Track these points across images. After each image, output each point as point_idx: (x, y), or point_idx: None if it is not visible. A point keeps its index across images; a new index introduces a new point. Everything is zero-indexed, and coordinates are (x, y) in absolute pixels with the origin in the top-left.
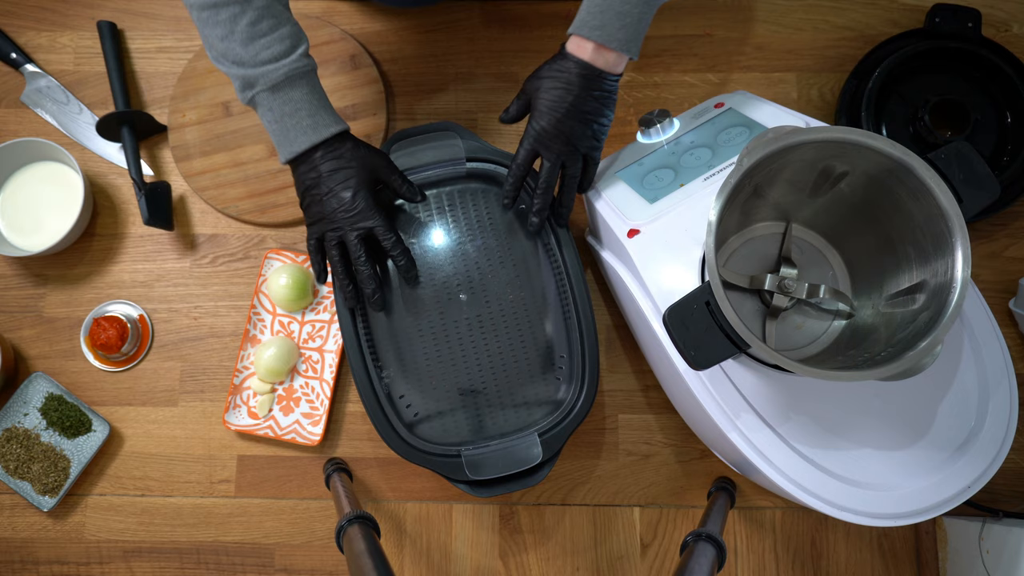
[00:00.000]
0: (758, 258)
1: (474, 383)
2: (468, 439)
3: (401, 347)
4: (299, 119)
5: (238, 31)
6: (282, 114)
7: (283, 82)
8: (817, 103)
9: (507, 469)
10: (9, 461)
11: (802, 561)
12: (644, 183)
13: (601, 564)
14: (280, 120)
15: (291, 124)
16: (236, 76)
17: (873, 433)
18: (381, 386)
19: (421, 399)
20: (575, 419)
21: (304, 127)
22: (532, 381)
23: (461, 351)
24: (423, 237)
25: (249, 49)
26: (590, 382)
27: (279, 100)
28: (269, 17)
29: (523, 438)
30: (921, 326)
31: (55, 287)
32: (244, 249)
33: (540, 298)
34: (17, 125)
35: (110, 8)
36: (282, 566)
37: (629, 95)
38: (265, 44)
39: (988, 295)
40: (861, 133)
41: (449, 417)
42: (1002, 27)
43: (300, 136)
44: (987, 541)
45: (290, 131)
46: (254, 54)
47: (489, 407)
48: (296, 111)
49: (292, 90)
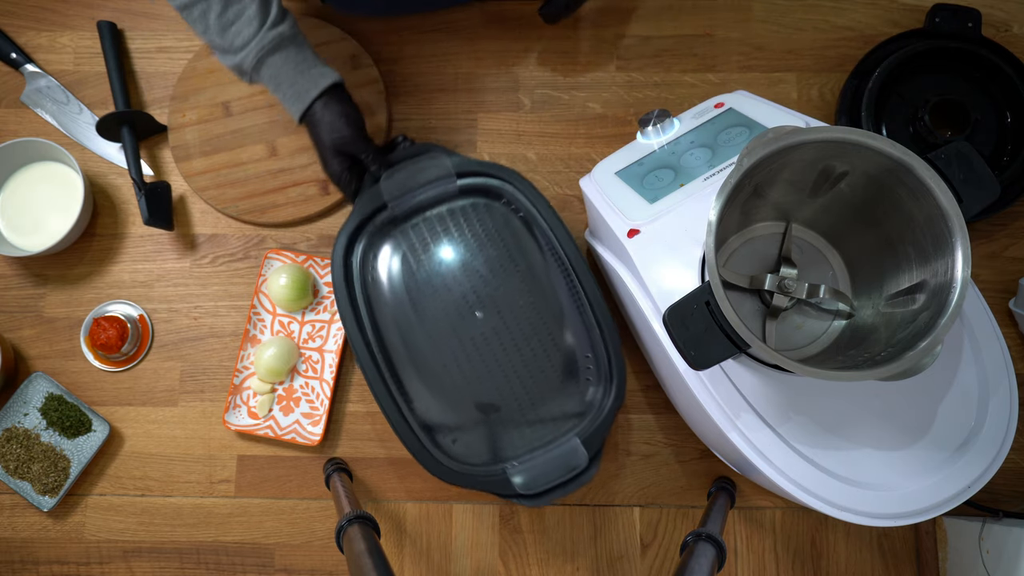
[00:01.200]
0: (758, 258)
1: (504, 398)
2: (510, 454)
3: (425, 376)
4: (284, 92)
5: (211, 24)
6: (276, 88)
7: (259, 62)
8: (817, 103)
9: (556, 478)
10: (9, 461)
11: (802, 561)
12: (644, 183)
13: (601, 564)
14: (278, 90)
15: (284, 96)
16: (230, 66)
17: (873, 433)
18: (415, 419)
19: (456, 423)
20: (610, 413)
21: (291, 96)
22: (562, 385)
23: (486, 368)
24: (429, 262)
25: (226, 38)
26: (619, 373)
27: (266, 78)
28: (233, 5)
29: (564, 444)
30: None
31: (55, 287)
32: (244, 249)
33: (554, 300)
34: (17, 125)
35: (110, 8)
36: (282, 566)
37: (629, 95)
38: (236, 31)
39: (988, 295)
40: (861, 133)
41: (486, 436)
42: (1002, 27)
43: (293, 105)
44: (987, 541)
45: (286, 102)
46: (230, 42)
47: (524, 418)
48: (279, 85)
49: (268, 68)
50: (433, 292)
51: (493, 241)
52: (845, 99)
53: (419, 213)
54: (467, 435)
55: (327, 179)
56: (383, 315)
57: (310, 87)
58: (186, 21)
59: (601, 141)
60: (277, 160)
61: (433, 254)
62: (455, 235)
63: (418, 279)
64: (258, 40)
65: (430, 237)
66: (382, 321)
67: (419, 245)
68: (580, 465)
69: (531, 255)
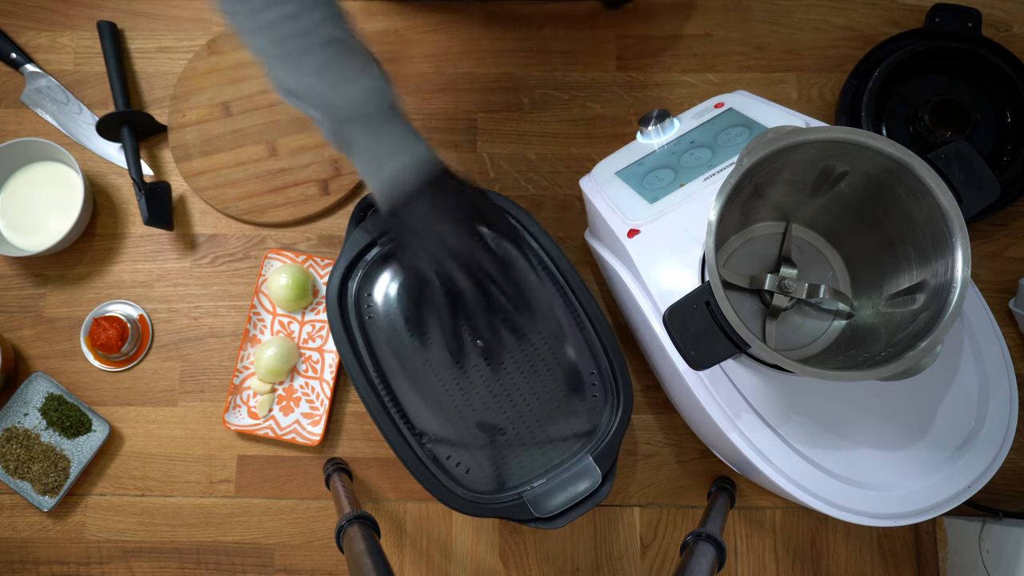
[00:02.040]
0: (758, 258)
1: (511, 423)
2: (522, 478)
3: (432, 409)
4: (394, 155)
5: (321, 70)
6: (373, 153)
7: (374, 118)
8: (817, 103)
9: (571, 499)
10: (9, 461)
11: (802, 561)
12: (644, 183)
13: (601, 564)
14: (374, 158)
15: (384, 160)
16: (321, 121)
17: (873, 433)
18: (425, 452)
19: (466, 454)
20: (619, 428)
21: (401, 165)
22: (568, 404)
23: (491, 395)
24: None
25: (335, 89)
26: (624, 386)
27: (367, 138)
28: (351, 55)
29: (576, 463)
30: (921, 326)
31: (55, 287)
32: (244, 249)
33: (552, 318)
34: (17, 125)
35: (110, 8)
36: (282, 566)
37: (629, 95)
38: (350, 79)
39: (988, 295)
40: (861, 133)
41: (497, 463)
42: (1002, 27)
43: (398, 174)
44: (987, 541)
45: (385, 168)
46: (339, 93)
47: (533, 440)
48: (383, 149)
49: (384, 126)
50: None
51: None
52: (845, 99)
53: None
54: (476, 460)
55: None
56: (382, 350)
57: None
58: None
59: (601, 141)
60: (277, 160)
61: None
62: None
63: (416, 313)
64: (377, 93)
65: None
66: (383, 357)
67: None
68: (594, 483)
69: (525, 277)
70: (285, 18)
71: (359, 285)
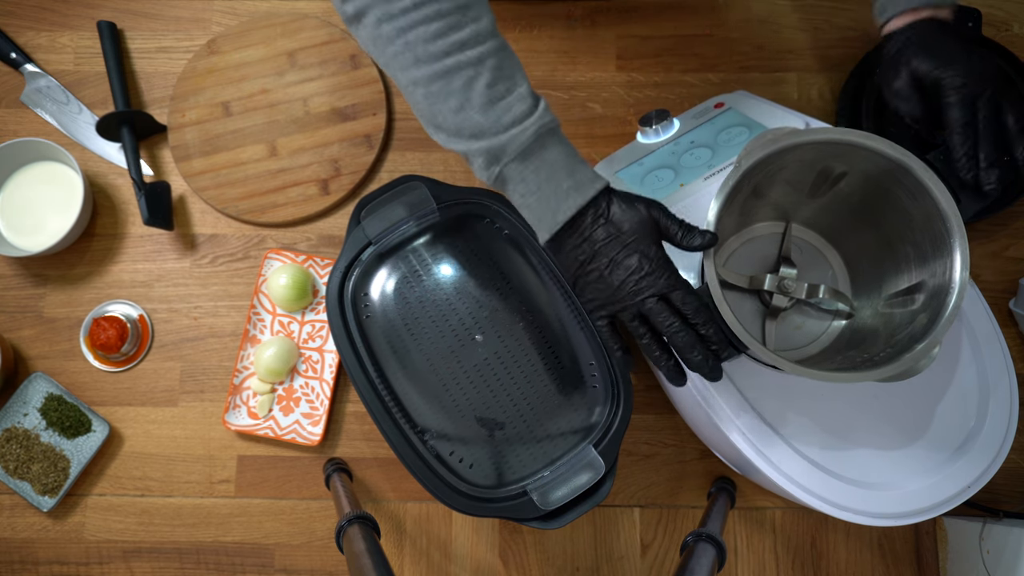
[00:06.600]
0: (758, 258)
1: (512, 417)
2: (523, 473)
3: (432, 406)
4: (558, 183)
5: (475, 97)
6: (538, 183)
7: (534, 144)
8: (817, 103)
9: (574, 491)
10: (9, 461)
11: (802, 561)
12: (644, 183)
13: (601, 564)
14: (538, 190)
15: (550, 191)
16: (478, 152)
17: (873, 433)
18: (427, 449)
19: (468, 450)
20: (623, 420)
21: (565, 190)
22: (569, 397)
23: (490, 391)
24: (422, 292)
25: (490, 115)
26: (625, 383)
27: (532, 167)
28: (505, 79)
29: (578, 455)
30: (919, 328)
31: (55, 287)
32: (244, 249)
33: (552, 314)
34: (17, 125)
35: (110, 8)
36: (282, 566)
37: (629, 95)
38: (506, 106)
39: (988, 295)
40: (859, 134)
41: (499, 457)
42: (1002, 27)
43: (563, 202)
44: (987, 541)
45: (550, 199)
46: (495, 119)
47: (532, 435)
48: (553, 175)
49: (545, 151)
50: (430, 322)
51: (483, 262)
52: (845, 99)
53: (405, 245)
54: (478, 455)
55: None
56: (381, 349)
57: (592, 177)
58: (430, 98)
59: (601, 141)
60: (277, 160)
61: (424, 283)
62: (446, 262)
63: (413, 311)
64: (537, 117)
65: (420, 267)
66: (383, 358)
67: (410, 276)
68: (597, 473)
69: (523, 273)
70: (454, 46)
71: (355, 284)
